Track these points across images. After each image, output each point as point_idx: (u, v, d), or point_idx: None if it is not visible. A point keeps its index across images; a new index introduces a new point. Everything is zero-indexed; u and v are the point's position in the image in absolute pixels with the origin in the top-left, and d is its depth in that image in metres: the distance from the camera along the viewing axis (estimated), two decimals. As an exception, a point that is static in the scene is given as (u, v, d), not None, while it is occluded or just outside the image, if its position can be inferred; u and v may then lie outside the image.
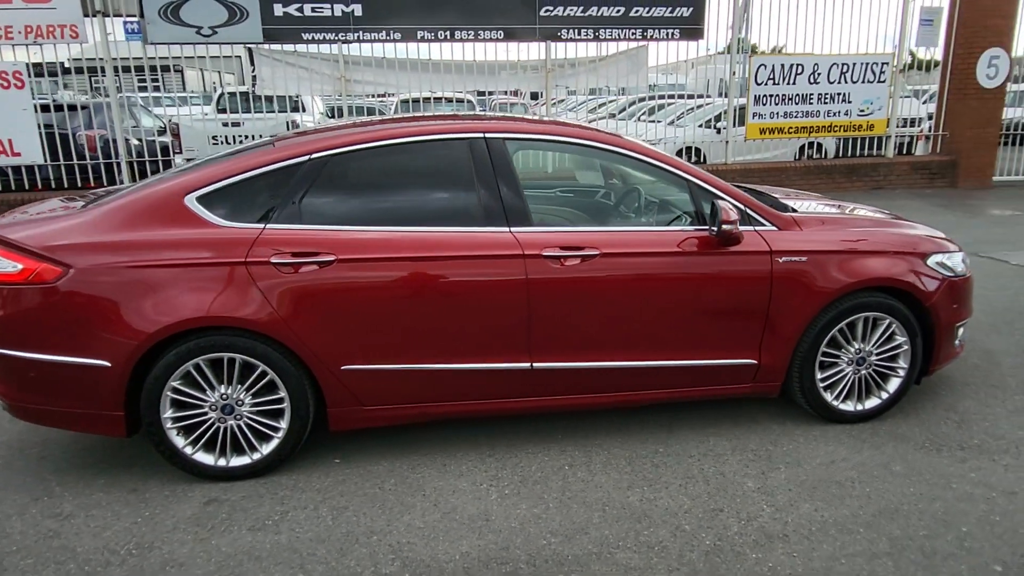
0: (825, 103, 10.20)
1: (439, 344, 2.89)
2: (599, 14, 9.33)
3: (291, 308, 2.75)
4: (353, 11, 8.81)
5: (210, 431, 2.85)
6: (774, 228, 3.11)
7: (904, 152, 11.19)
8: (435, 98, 9.93)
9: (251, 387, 2.83)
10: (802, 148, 11.33)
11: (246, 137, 9.27)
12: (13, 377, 2.77)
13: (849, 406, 3.30)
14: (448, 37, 9.13)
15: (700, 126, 10.93)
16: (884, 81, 10.24)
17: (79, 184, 8.65)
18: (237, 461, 2.89)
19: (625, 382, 3.09)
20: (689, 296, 3.03)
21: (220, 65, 13.48)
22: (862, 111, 10.33)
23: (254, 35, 8.72)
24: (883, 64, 10.21)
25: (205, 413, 2.83)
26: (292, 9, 8.68)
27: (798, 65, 10.01)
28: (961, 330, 3.45)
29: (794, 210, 3.33)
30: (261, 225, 2.78)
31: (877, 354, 3.27)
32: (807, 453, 3.07)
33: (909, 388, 3.36)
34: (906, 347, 3.27)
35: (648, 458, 3.05)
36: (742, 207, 3.05)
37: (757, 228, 3.09)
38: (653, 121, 11.16)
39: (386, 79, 9.32)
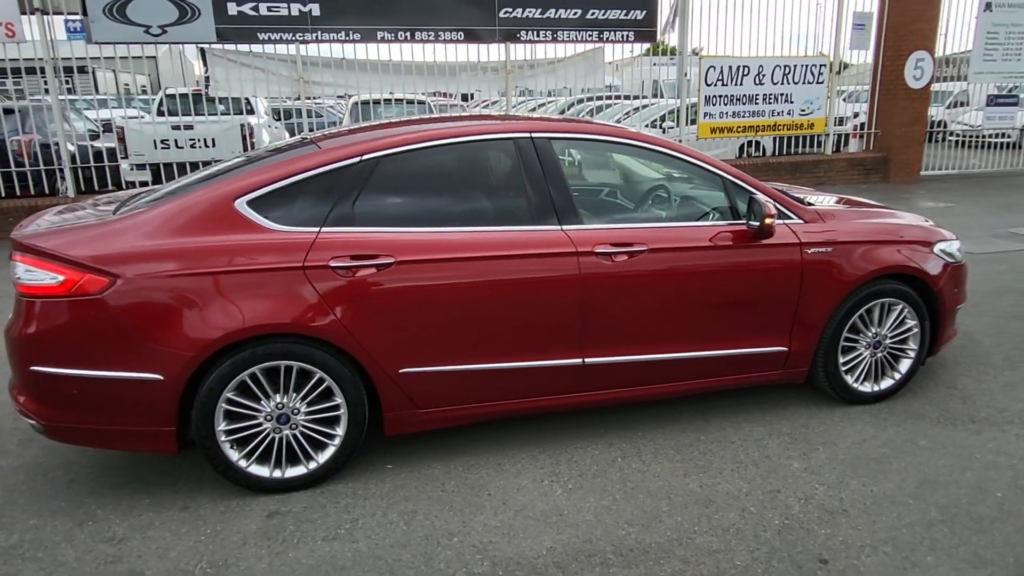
0: (770, 103, 10.68)
1: (495, 344, 2.90)
2: (557, 16, 9.46)
3: (351, 312, 2.70)
4: (311, 11, 8.61)
5: (264, 442, 2.76)
6: (800, 221, 3.27)
7: (837, 149, 11.83)
8: (395, 99, 9.82)
9: (307, 395, 2.76)
10: (742, 147, 11.81)
11: (197, 141, 8.93)
12: (52, 396, 2.61)
13: (867, 388, 3.50)
14: (408, 38, 9.06)
15: (646, 126, 11.23)
16: (822, 82, 10.80)
17: (17, 193, 8.13)
18: (292, 472, 2.82)
19: (669, 373, 3.18)
20: (728, 288, 3.15)
21: (131, 66, 12.85)
22: (803, 111, 10.86)
23: (207, 35, 8.41)
24: (821, 66, 10.76)
25: (260, 424, 2.75)
26: (247, 8, 8.41)
27: (744, 67, 10.44)
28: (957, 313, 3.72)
29: (811, 204, 3.51)
30: (316, 229, 2.73)
31: (891, 337, 3.49)
32: (838, 434, 3.24)
33: (919, 368, 3.59)
34: (916, 330, 3.50)
35: (693, 446, 3.15)
36: (773, 202, 3.20)
37: (786, 221, 3.24)
38: None
39: (345, 80, 9.15)
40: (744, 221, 3.14)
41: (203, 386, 2.63)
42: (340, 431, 2.83)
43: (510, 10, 9.28)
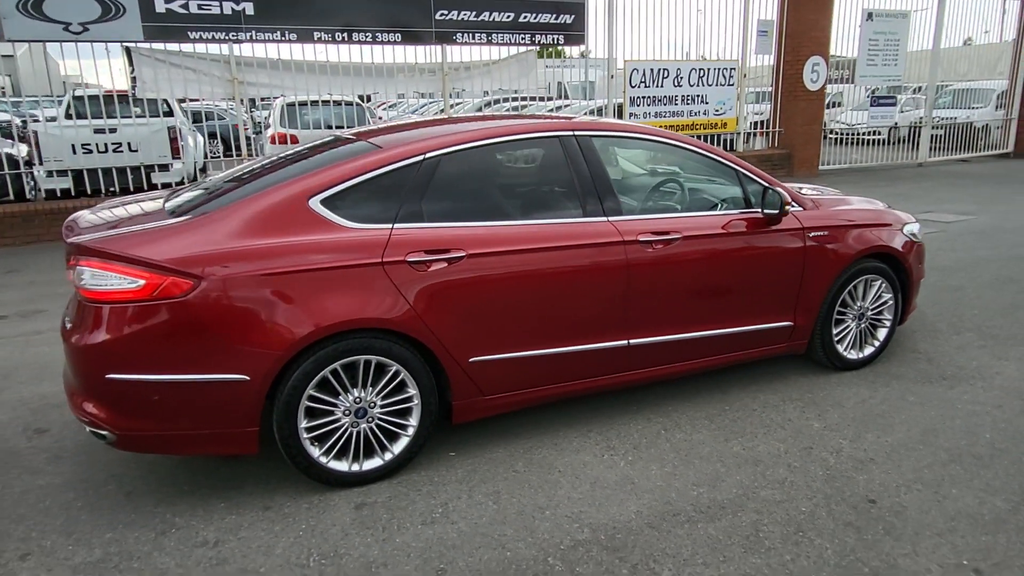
0: (687, 104, 11.38)
1: (552, 329, 3.08)
2: (491, 19, 9.67)
3: (426, 305, 2.80)
4: (244, 9, 8.38)
5: (343, 437, 2.81)
6: (800, 208, 3.66)
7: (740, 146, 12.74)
8: (322, 101, 9.68)
9: (383, 388, 2.83)
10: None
11: (121, 145, 8.45)
12: (130, 404, 2.55)
13: (854, 355, 3.95)
14: (345, 39, 8.99)
15: None
16: (733, 84, 11.62)
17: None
18: (369, 464, 2.87)
19: (699, 350, 3.47)
20: (747, 270, 3.48)
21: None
22: (717, 111, 11.64)
23: (132, 33, 7.99)
24: (731, 69, 11.58)
25: (338, 419, 2.79)
26: (176, 6, 8.07)
27: (664, 69, 11.07)
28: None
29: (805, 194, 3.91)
30: (389, 225, 2.80)
31: (871, 309, 3.95)
32: (840, 396, 3.65)
33: (893, 335, 4.08)
34: (891, 302, 3.99)
35: (722, 415, 3.46)
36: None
37: (791, 209, 3.61)
38: None
39: (281, 81, 8.94)
40: (759, 209, 3.48)
41: (287, 384, 2.64)
42: (414, 421, 2.91)
43: (446, 12, 9.40)
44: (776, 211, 3.40)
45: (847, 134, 14.52)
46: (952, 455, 3.07)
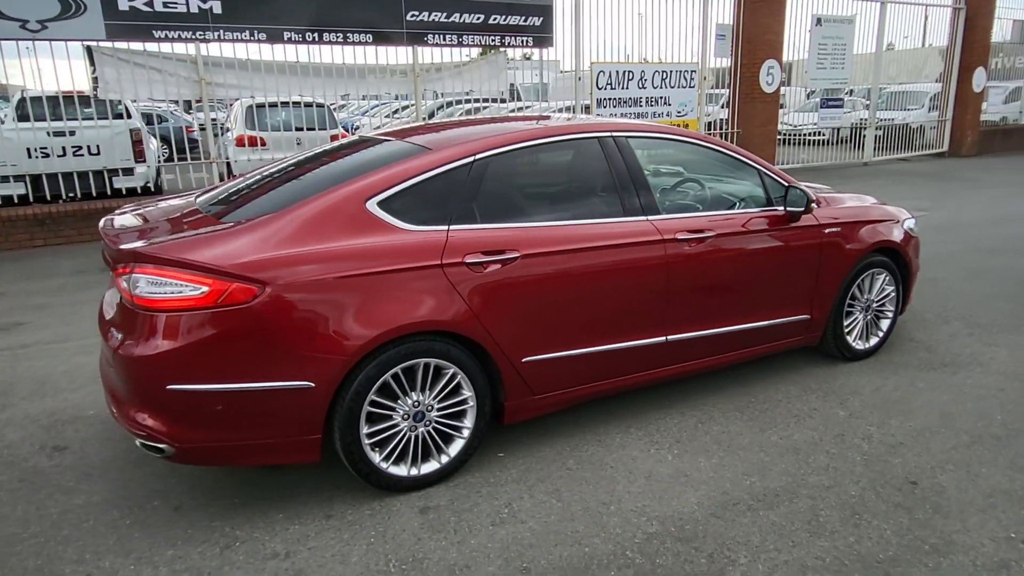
0: (651, 105, 11.61)
1: (599, 327, 3.13)
2: (461, 20, 9.66)
3: (483, 307, 2.80)
4: (211, 8, 8.14)
5: (401, 441, 2.79)
6: (816, 206, 3.80)
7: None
8: (292, 103, 9.47)
9: (439, 391, 2.82)
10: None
11: (80, 148, 8.08)
12: (192, 416, 2.47)
13: (861, 345, 4.13)
14: (316, 39, 8.83)
15: None
16: (694, 86, 11.92)
17: None
18: (427, 468, 2.86)
19: (729, 344, 3.57)
20: (771, 265, 3.61)
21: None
22: (679, 112, 11.91)
23: (94, 31, 7.67)
24: (692, 72, 11.88)
25: (397, 424, 2.77)
26: (140, 4, 7.78)
27: (629, 72, 11.26)
28: (913, 279, 4.48)
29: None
30: (444, 227, 2.79)
31: (876, 301, 4.14)
32: (855, 385, 3.82)
33: (894, 326, 4.29)
34: (893, 294, 4.19)
35: (751, 407, 3.57)
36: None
37: (808, 206, 3.75)
38: None
39: (250, 82, 8.71)
40: (780, 207, 3.61)
41: (349, 390, 2.61)
42: (468, 423, 2.91)
43: (416, 13, 9.34)
44: (802, 209, 3.54)
45: (792, 135, 15.09)
46: (973, 436, 3.25)
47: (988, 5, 15.06)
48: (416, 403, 2.78)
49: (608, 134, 3.26)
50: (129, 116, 9.13)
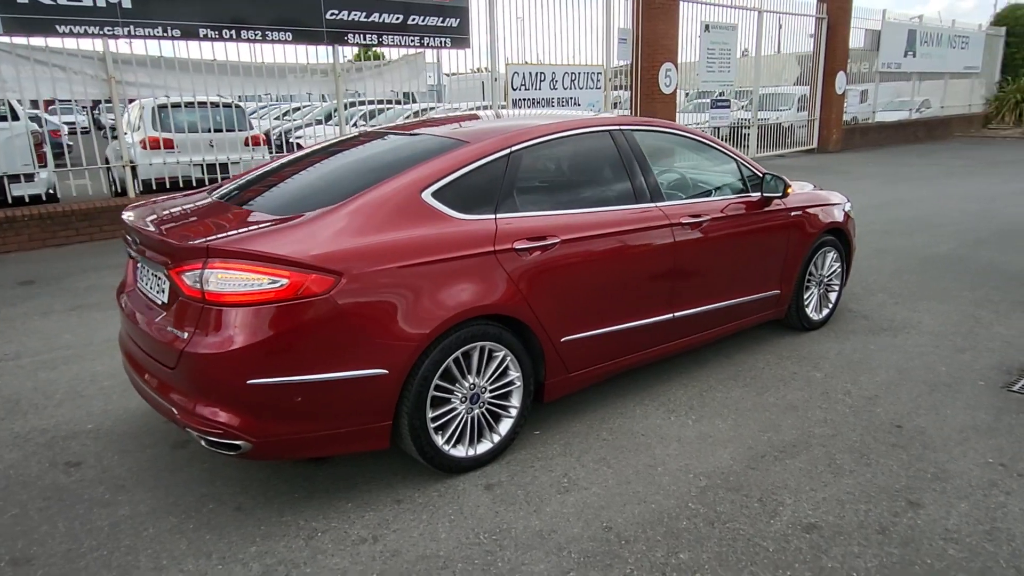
0: (562, 105, 12.05)
1: (622, 306, 3.37)
2: (381, 20, 9.63)
3: (530, 291, 2.96)
4: (120, 2, 7.66)
5: (459, 424, 2.89)
6: (790, 191, 4.23)
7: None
8: (198, 103, 9.07)
9: (493, 373, 2.95)
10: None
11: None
12: (272, 409, 2.46)
13: (817, 316, 4.64)
14: (233, 37, 8.51)
15: None
16: (600, 87, 12.50)
17: None
18: (482, 448, 2.98)
19: (721, 318, 3.92)
20: (754, 245, 4.00)
21: None
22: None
23: (-12, 24, 7.02)
24: (598, 74, 12.45)
25: (455, 407, 2.87)
26: (40, -5, 7.20)
27: (541, 73, 11.65)
28: (848, 256, 5.06)
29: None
30: (492, 216, 2.92)
31: (827, 277, 4.66)
32: (821, 351, 4.30)
33: (840, 298, 4.84)
34: (839, 269, 4.73)
35: (741, 374, 3.94)
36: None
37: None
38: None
39: (164, 81, 8.26)
40: (758, 193, 4.01)
41: (417, 375, 2.69)
42: (516, 403, 3.06)
43: (336, 12, 9.22)
44: (779, 194, 3.95)
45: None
46: (929, 385, 3.78)
47: (845, 16, 16.77)
48: (472, 386, 2.89)
49: (616, 127, 3.51)
50: (18, 118, 8.41)
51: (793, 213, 4.23)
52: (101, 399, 3.72)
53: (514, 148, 3.09)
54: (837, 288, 4.77)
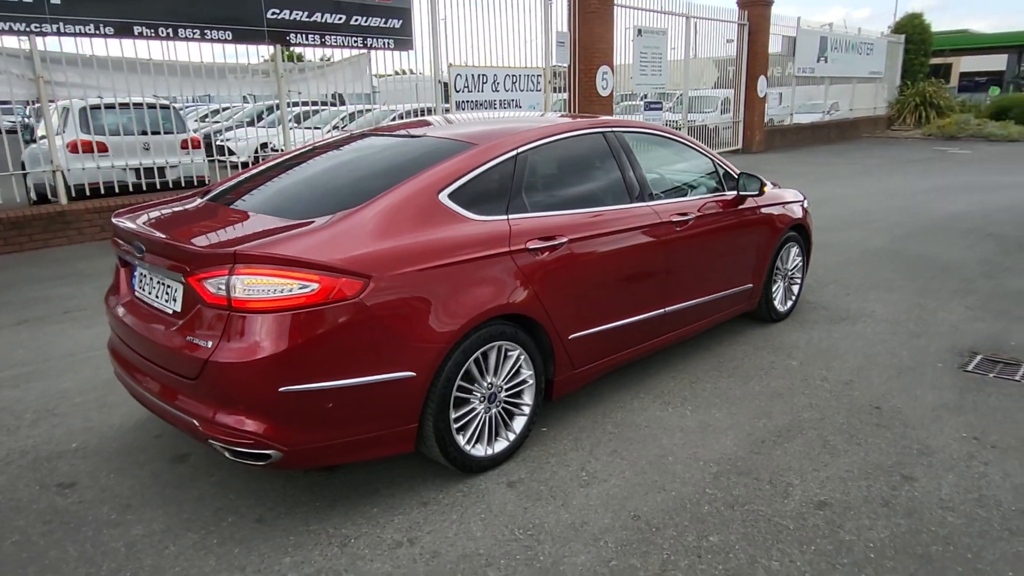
0: (504, 108, 12.13)
1: (621, 303, 3.46)
2: (323, 20, 9.45)
3: (542, 290, 3.01)
4: (48, -3, 7.23)
5: (478, 423, 2.91)
6: (767, 189, 4.44)
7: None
8: (135, 104, 8.65)
9: (507, 372, 2.98)
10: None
11: None
12: (304, 416, 2.42)
13: (783, 308, 4.89)
14: (171, 35, 8.17)
15: None
16: (540, 90, 12.66)
17: None
18: (499, 447, 3.01)
19: (706, 312, 4.08)
20: (732, 242, 4.18)
21: None
22: (529, 114, 12.56)
23: (-100, 19, 6.49)
24: (538, 76, 12.60)
25: (474, 407, 2.89)
26: (-41, -12, 6.72)
27: (483, 75, 11.69)
28: (804, 250, 5.35)
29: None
30: (504, 216, 2.96)
31: (791, 270, 4.92)
32: (791, 341, 4.53)
33: (802, 290, 5.11)
34: (801, 263, 5.00)
35: (724, 365, 4.12)
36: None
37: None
38: (311, 127, 11.35)
39: (97, 81, 7.83)
40: (734, 191, 4.20)
41: (441, 376, 2.69)
42: (528, 400, 3.10)
43: (277, 11, 8.99)
44: (756, 192, 4.15)
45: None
46: (896, 369, 4.05)
47: (765, 23, 17.59)
48: (490, 385, 2.92)
49: (609, 129, 3.61)
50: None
51: (763, 210, 4.44)
52: (78, 416, 3.53)
53: (521, 149, 3.14)
54: (799, 281, 5.03)
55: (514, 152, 3.11)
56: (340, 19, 9.64)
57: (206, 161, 9.34)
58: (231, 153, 10.25)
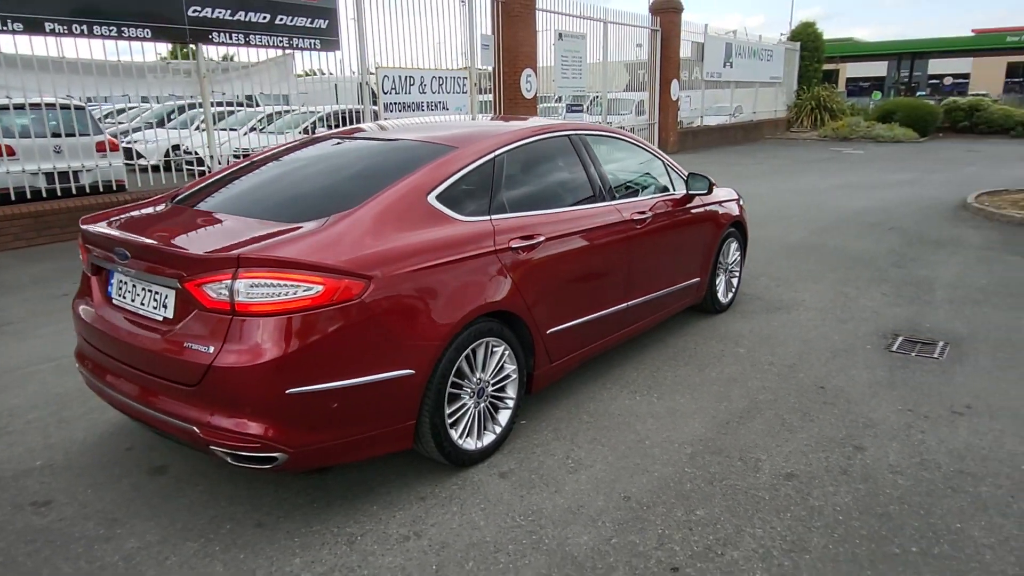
0: (431, 110, 12.16)
1: (591, 298, 3.63)
2: (247, 19, 9.20)
3: (524, 287, 3.13)
4: (-52, -10, 6.73)
5: (468, 418, 3.00)
6: (715, 189, 4.71)
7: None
8: (47, 104, 8.14)
9: (493, 367, 3.08)
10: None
11: None
12: (310, 417, 2.44)
13: (725, 300, 5.21)
14: (85, 32, 7.75)
15: (303, 131, 11.57)
16: (466, 92, 12.75)
17: None
18: (487, 440, 3.10)
19: (661, 306, 4.31)
20: (683, 238, 4.44)
21: None
22: (456, 116, 12.64)
23: None
24: (464, 78, 12.70)
25: (465, 402, 2.98)
26: None
27: (410, 77, 11.68)
28: (739, 245, 5.71)
29: (682, 178, 5.00)
30: (487, 217, 3.06)
31: (731, 264, 5.25)
32: (736, 330, 4.84)
33: (740, 283, 5.46)
34: (739, 257, 5.34)
35: (680, 355, 4.37)
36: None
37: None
38: (246, 130, 11.08)
39: (4, 80, 7.34)
40: (683, 191, 4.45)
41: (437, 373, 2.77)
42: (512, 394, 3.21)
43: (199, 9, 8.69)
44: (705, 191, 4.42)
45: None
46: (831, 352, 4.42)
47: (676, 29, 18.37)
48: (479, 380, 3.01)
49: (574, 132, 3.77)
50: None
51: (709, 208, 4.73)
52: (35, 433, 3.37)
53: (499, 151, 3.25)
54: (738, 274, 5.37)
55: (493, 154, 3.21)
56: (265, 18, 9.41)
57: (124, 165, 8.90)
58: (139, 156, 9.78)
